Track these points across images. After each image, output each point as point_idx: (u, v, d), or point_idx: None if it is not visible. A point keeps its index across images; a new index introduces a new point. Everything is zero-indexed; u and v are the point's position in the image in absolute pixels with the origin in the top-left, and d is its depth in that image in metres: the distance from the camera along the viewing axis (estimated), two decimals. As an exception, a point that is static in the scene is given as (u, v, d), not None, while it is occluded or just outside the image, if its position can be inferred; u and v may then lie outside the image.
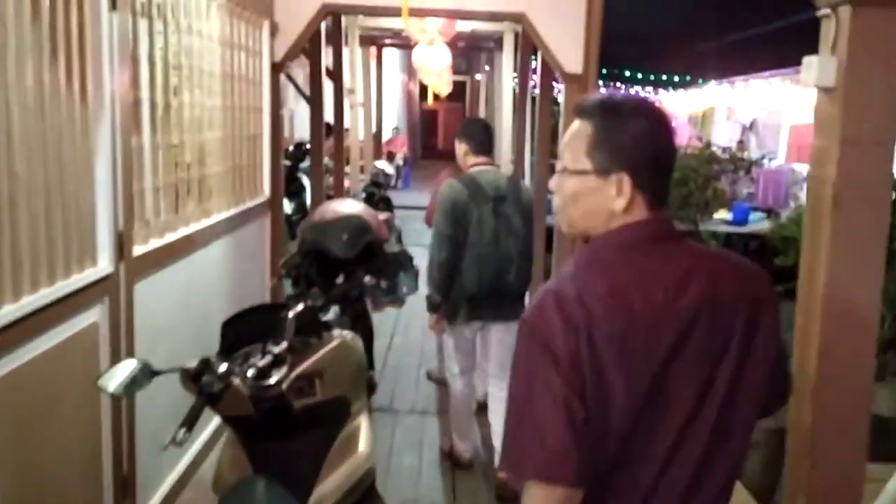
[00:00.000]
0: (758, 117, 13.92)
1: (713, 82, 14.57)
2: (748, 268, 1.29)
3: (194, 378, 1.72)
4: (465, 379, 3.70)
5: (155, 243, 2.95)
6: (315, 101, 5.70)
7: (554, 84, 5.91)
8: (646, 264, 1.21)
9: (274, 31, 4.18)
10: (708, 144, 9.04)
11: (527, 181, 7.71)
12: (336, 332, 2.15)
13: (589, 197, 1.25)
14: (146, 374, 1.78)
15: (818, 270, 2.12)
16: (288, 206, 9.22)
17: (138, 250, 2.74)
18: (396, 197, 11.18)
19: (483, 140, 3.53)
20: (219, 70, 3.61)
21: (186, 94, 3.21)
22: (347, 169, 9.50)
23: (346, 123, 9.58)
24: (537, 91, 5.91)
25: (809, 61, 2.11)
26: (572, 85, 4.31)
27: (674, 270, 1.20)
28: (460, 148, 3.58)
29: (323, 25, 5.68)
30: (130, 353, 2.60)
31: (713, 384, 1.20)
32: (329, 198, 9.47)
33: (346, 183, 9.29)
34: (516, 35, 8.36)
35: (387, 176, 10.89)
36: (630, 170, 1.22)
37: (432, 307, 3.48)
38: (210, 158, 3.54)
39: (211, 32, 3.46)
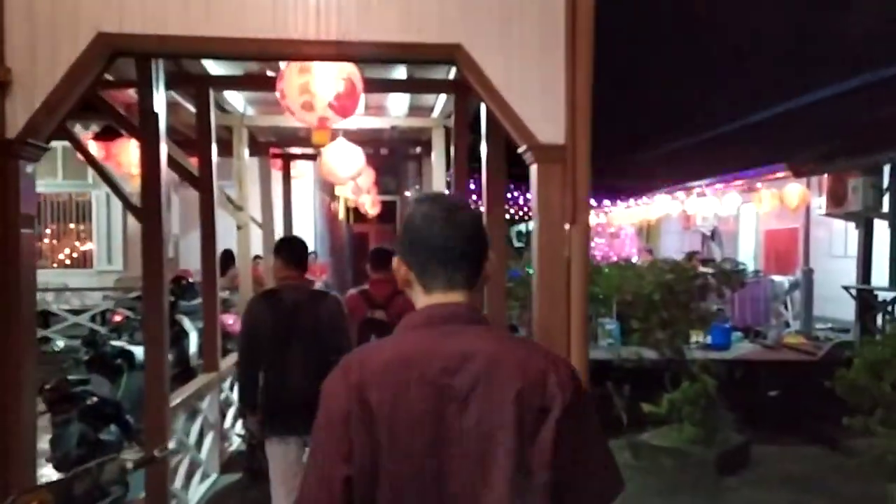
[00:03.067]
0: (718, 226, 12.65)
1: (663, 192, 13.35)
2: (541, 368, 1.27)
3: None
4: None
5: None
6: (149, 211, 3.75)
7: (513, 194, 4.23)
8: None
9: (3, 84, 2.26)
10: (690, 257, 7.39)
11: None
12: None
13: None
14: None
15: None
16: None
17: None
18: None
19: (291, 257, 3.71)
20: None
21: None
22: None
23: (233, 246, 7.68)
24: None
25: None
26: (549, 164, 2.51)
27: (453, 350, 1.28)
28: (274, 264, 3.83)
29: (163, 102, 3.83)
30: None
31: (488, 464, 1.22)
32: (224, 337, 7.36)
33: (238, 325, 7.21)
34: (447, 132, 6.74)
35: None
36: None
37: (249, 410, 3.75)
38: None
39: None
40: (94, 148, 7.52)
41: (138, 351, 6.07)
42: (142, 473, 3.73)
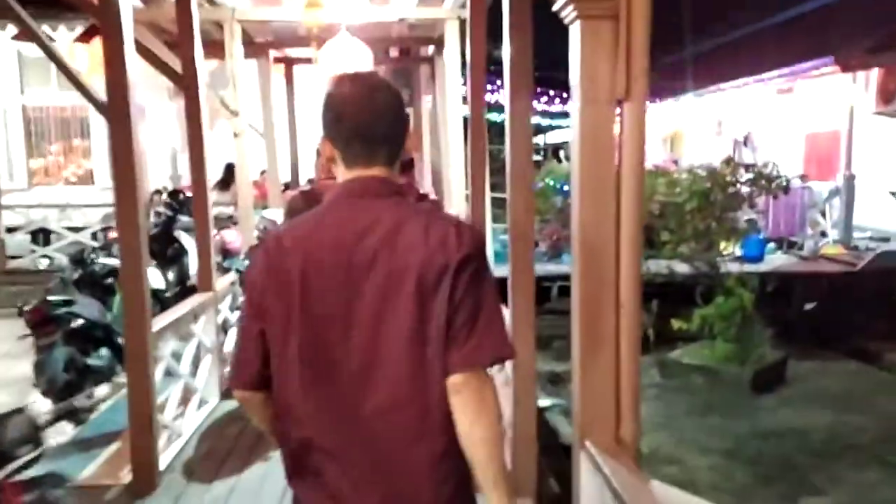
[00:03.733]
0: (751, 131, 11.85)
1: (691, 94, 12.51)
2: (442, 231, 1.39)
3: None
4: None
5: None
6: (116, 108, 3.22)
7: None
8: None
9: None
10: (728, 162, 6.76)
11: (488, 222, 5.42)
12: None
13: None
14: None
15: None
16: (160, 279, 6.62)
17: None
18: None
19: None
20: None
21: None
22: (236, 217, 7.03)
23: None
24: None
25: None
26: (596, 21, 1.94)
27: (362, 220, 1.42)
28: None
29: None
30: None
31: (392, 316, 1.36)
32: (225, 255, 6.94)
33: (239, 241, 6.78)
34: (462, 25, 6.05)
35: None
36: None
37: None
38: None
39: None
40: (81, 52, 6.92)
41: (133, 269, 5.64)
42: (123, 405, 3.36)
